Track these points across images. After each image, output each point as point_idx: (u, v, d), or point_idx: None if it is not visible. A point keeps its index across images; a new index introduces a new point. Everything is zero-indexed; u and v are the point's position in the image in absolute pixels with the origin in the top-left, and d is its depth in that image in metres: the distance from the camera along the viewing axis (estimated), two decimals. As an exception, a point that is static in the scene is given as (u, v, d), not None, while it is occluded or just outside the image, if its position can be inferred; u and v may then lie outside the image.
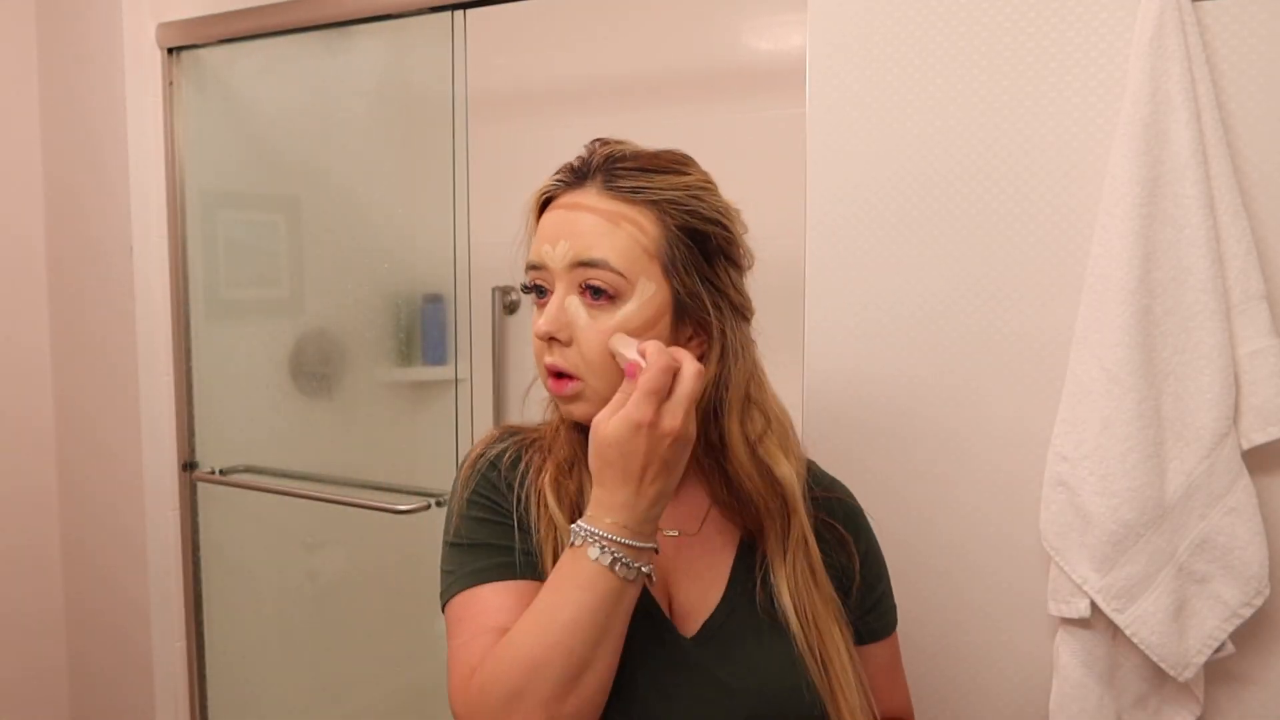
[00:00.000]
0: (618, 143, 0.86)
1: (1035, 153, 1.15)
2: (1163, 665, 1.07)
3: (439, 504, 1.78)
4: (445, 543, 0.88)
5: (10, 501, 2.03)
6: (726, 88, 1.87)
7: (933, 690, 1.25)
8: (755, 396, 0.86)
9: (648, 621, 0.82)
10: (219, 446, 1.97)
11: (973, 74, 1.17)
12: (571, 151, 0.91)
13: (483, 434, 0.99)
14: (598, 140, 0.87)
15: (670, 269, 0.81)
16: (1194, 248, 1.04)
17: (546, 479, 0.87)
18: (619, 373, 0.79)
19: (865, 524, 0.97)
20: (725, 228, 0.85)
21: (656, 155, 0.85)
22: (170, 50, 1.87)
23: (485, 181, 1.98)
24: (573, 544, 0.76)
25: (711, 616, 0.86)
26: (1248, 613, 1.05)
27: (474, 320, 2.08)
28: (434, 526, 1.85)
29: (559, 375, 0.83)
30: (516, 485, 0.87)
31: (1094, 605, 1.09)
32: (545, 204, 0.87)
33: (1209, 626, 1.06)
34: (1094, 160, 1.12)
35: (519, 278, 0.93)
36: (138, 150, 1.87)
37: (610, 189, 0.82)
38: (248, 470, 1.97)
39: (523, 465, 0.89)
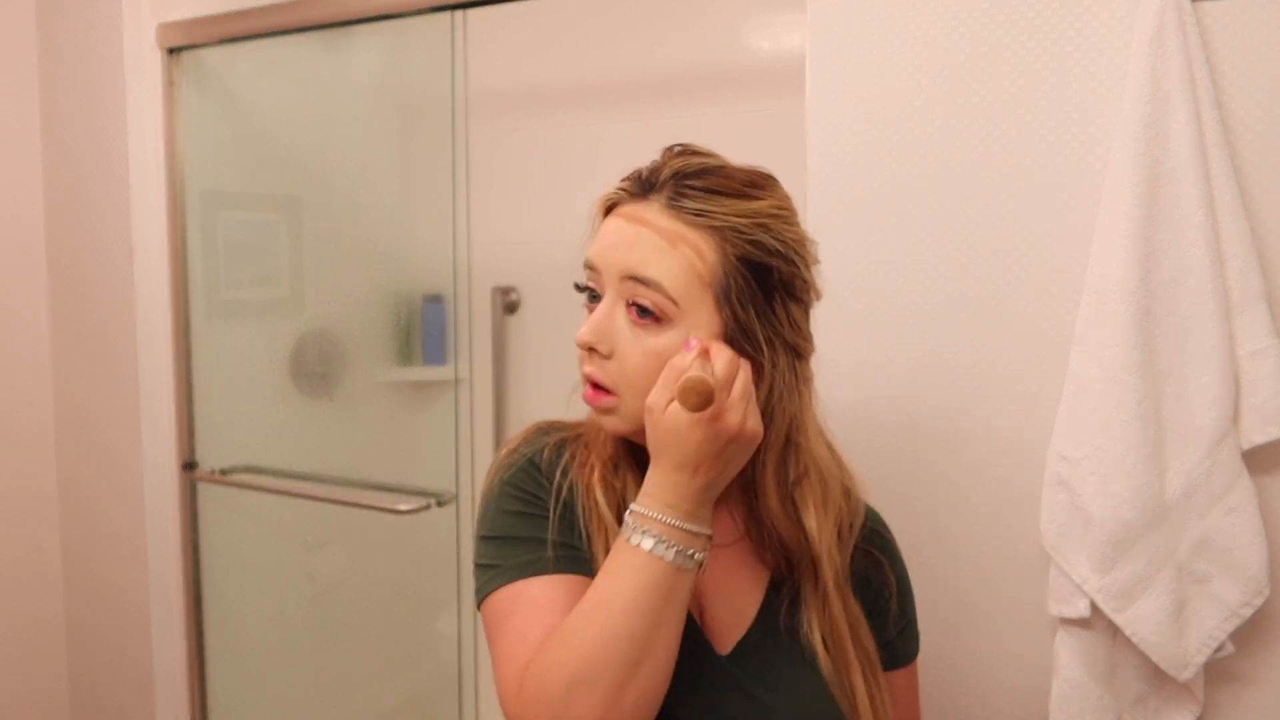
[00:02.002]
0: (693, 154, 0.82)
1: (1035, 153, 1.15)
2: (1162, 665, 1.07)
3: (439, 504, 1.78)
4: (479, 537, 0.86)
5: (10, 502, 2.03)
6: (726, 88, 1.87)
7: (933, 690, 1.25)
8: (796, 440, 0.83)
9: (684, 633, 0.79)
10: (219, 446, 1.97)
11: (972, 74, 1.17)
12: (571, 152, 0.90)
13: (483, 433, 0.99)
14: (676, 146, 0.83)
15: (723, 299, 0.78)
16: (1194, 248, 1.04)
17: (595, 476, 0.85)
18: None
19: (899, 554, 0.97)
20: (790, 261, 0.80)
21: (729, 176, 0.80)
22: (171, 50, 1.87)
23: (485, 181, 1.98)
24: (626, 533, 0.75)
25: (746, 635, 0.85)
26: (1247, 613, 1.05)
27: (474, 320, 2.08)
28: (434, 526, 1.86)
29: (596, 386, 0.81)
30: (559, 479, 0.86)
31: (1094, 605, 1.09)
32: (610, 208, 0.84)
33: (1209, 626, 1.06)
34: (1094, 160, 1.12)
35: (523, 277, 0.92)
36: (138, 150, 1.87)
37: (674, 207, 0.78)
38: (248, 470, 1.97)
39: (564, 460, 0.87)
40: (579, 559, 0.82)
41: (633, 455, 0.86)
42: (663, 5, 1.92)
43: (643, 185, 0.81)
